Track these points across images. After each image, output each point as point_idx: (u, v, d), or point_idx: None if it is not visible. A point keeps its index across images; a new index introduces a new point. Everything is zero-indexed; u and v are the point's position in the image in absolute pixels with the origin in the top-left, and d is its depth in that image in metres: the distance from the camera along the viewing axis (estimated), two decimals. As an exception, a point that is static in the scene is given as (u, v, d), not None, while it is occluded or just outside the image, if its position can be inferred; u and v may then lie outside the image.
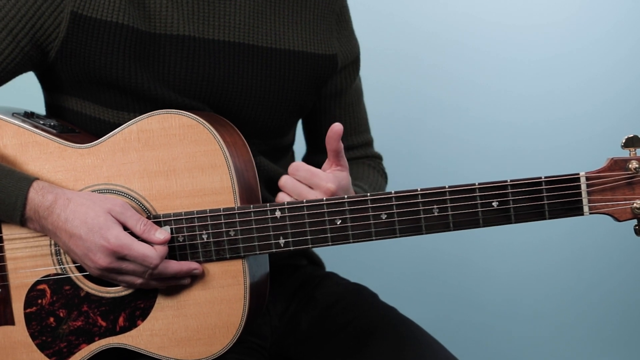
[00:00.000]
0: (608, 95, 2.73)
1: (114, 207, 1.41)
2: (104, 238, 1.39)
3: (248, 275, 1.45)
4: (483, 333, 2.81)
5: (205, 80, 1.56)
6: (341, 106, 1.76)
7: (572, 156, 2.69)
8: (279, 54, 1.62)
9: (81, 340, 1.48)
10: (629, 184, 1.37)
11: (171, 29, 1.54)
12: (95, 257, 1.40)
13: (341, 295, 1.70)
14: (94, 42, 1.52)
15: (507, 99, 2.73)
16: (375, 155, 1.84)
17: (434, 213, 1.40)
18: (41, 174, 1.47)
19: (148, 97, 1.54)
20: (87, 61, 1.52)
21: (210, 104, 1.57)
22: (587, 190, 1.37)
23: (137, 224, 1.41)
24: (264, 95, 1.61)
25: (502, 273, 2.77)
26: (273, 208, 1.43)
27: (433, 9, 2.72)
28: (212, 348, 1.46)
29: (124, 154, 1.46)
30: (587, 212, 1.38)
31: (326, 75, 1.69)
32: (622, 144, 1.37)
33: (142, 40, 1.52)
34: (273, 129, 1.65)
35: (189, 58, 1.55)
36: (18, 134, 1.49)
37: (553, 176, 1.38)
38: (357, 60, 1.78)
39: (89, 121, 1.58)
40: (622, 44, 2.72)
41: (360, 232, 1.41)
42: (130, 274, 1.42)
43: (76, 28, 1.51)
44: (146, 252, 1.40)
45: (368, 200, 1.41)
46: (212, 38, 1.57)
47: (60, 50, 1.52)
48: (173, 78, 1.54)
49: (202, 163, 1.45)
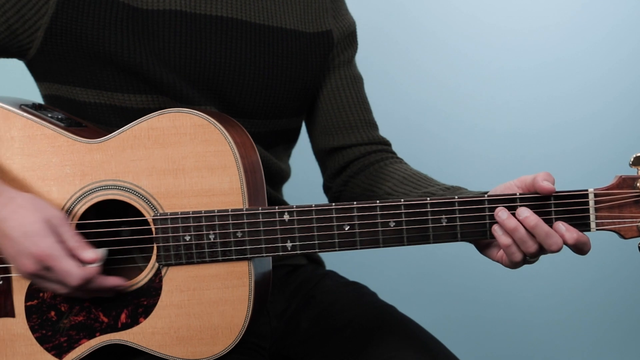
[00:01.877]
0: (608, 100, 2.75)
1: (54, 217, 1.41)
2: (35, 245, 1.38)
3: (253, 276, 1.45)
4: (482, 332, 2.83)
5: (197, 55, 1.56)
6: (341, 77, 1.74)
7: (573, 161, 2.71)
8: (271, 31, 1.63)
9: (82, 336, 1.48)
10: (637, 202, 1.38)
11: (163, 4, 1.54)
12: (24, 261, 1.39)
13: (340, 294, 1.70)
14: (84, 17, 1.51)
15: (505, 103, 2.74)
16: (387, 143, 1.80)
17: (442, 223, 1.41)
18: (49, 167, 1.47)
19: (141, 74, 1.53)
20: (79, 37, 1.51)
21: (202, 82, 1.57)
22: (595, 207, 1.39)
23: (71, 238, 1.41)
24: (256, 72, 1.61)
25: (502, 272, 2.75)
26: (282, 211, 1.43)
27: (431, 12, 2.72)
28: (215, 348, 1.46)
29: (133, 150, 1.46)
30: (594, 228, 1.39)
31: (323, 52, 1.69)
32: (630, 163, 1.39)
33: (135, 17, 1.52)
34: (268, 109, 1.65)
35: (182, 33, 1.55)
36: (27, 126, 1.48)
37: (561, 191, 1.39)
38: (353, 34, 1.77)
39: (85, 107, 1.57)
40: (622, 48, 2.74)
41: (368, 239, 1.42)
42: (55, 283, 1.42)
43: (66, 4, 1.50)
44: (70, 269, 1.39)
45: (377, 207, 1.41)
46: (204, 13, 1.57)
47: (50, 28, 1.51)
48: (167, 53, 1.54)
49: (212, 163, 1.45)
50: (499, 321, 2.84)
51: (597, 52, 2.75)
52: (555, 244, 1.36)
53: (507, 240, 1.37)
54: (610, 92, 2.75)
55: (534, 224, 1.36)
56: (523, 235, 1.36)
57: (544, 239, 1.36)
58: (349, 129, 1.73)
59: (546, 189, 1.36)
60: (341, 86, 1.74)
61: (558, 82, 2.75)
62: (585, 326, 2.86)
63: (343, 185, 1.74)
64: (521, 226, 1.36)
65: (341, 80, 1.74)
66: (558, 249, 1.37)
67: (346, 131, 1.73)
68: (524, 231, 1.36)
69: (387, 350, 1.54)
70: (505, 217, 1.37)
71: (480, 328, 2.83)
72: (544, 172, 1.37)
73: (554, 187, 1.37)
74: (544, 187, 1.36)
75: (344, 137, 1.73)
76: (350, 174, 1.73)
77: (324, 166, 1.78)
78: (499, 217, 1.37)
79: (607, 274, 2.83)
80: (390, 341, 1.56)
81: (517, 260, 1.38)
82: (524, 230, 1.36)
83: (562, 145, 2.75)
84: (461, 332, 2.79)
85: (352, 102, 1.74)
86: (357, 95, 1.76)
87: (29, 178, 1.47)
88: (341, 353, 1.59)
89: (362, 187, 1.69)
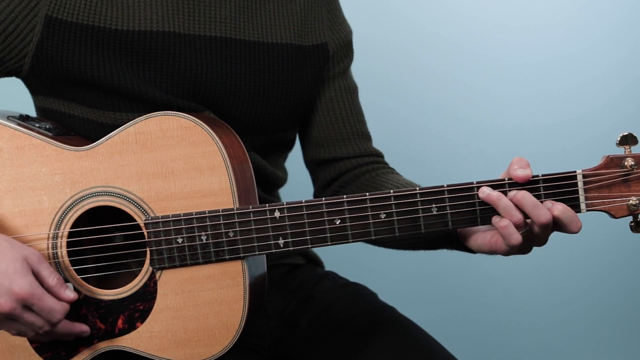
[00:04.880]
0: (607, 98, 2.76)
1: (31, 255, 1.40)
2: (15, 283, 1.36)
3: (247, 275, 1.45)
4: (483, 332, 2.82)
5: (191, 77, 1.55)
6: (335, 88, 1.72)
7: (570, 159, 2.69)
8: (266, 47, 1.62)
9: (80, 344, 1.48)
10: (625, 181, 1.39)
11: (154, 26, 1.53)
12: (1, 299, 1.37)
13: (340, 295, 1.70)
14: (70, 45, 1.51)
15: (505, 101, 2.75)
16: (380, 154, 1.79)
17: (432, 212, 1.41)
18: (38, 177, 1.47)
19: (133, 96, 1.53)
20: (64, 64, 1.51)
21: (197, 101, 1.57)
22: (584, 187, 1.39)
23: (50, 276, 1.40)
24: (252, 90, 1.60)
25: (502, 272, 2.78)
26: (272, 208, 1.43)
27: (432, 10, 2.73)
28: (212, 349, 1.46)
29: (122, 156, 1.46)
30: (584, 209, 1.40)
31: (318, 65, 1.68)
32: (617, 142, 1.39)
33: (122, 40, 1.51)
34: (265, 124, 1.64)
35: (174, 55, 1.54)
36: (14, 137, 1.48)
37: (550, 174, 1.39)
38: (349, 44, 1.76)
39: (78, 122, 1.57)
40: (621, 47, 2.75)
41: (359, 232, 1.42)
42: (25, 325, 1.40)
43: (51, 32, 1.50)
44: (55, 306, 1.39)
45: (367, 200, 1.41)
46: (197, 34, 1.56)
47: (36, 55, 1.51)
48: (157, 75, 1.53)
49: (201, 164, 1.45)
50: (500, 322, 2.84)
51: (597, 50, 2.75)
52: (544, 215, 1.36)
53: (504, 222, 1.38)
54: (610, 92, 2.76)
55: (521, 196, 1.37)
56: (507, 204, 1.37)
57: (532, 210, 1.36)
58: (341, 141, 1.72)
59: (520, 177, 1.37)
60: (335, 98, 1.73)
61: (556, 80, 2.75)
62: (585, 326, 2.86)
63: (333, 195, 1.73)
64: (504, 196, 1.38)
65: (335, 92, 1.73)
66: (547, 220, 1.37)
67: (338, 143, 1.72)
68: (507, 201, 1.37)
69: (384, 352, 1.54)
70: (488, 191, 1.39)
71: (481, 329, 2.83)
72: (516, 157, 1.39)
73: (529, 173, 1.38)
74: (519, 176, 1.38)
75: (336, 149, 1.72)
76: (341, 184, 1.72)
77: (315, 177, 1.77)
78: (482, 191, 1.39)
79: (607, 274, 2.83)
80: (387, 343, 1.56)
81: (514, 243, 1.38)
82: (507, 200, 1.37)
83: (561, 143, 2.75)
84: (462, 333, 2.79)
85: (345, 114, 1.73)
86: (351, 106, 1.74)
87: (19, 189, 1.47)
88: (338, 354, 1.58)
89: None
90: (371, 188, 1.66)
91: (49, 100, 1.59)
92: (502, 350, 2.83)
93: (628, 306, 2.84)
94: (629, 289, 2.82)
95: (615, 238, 2.64)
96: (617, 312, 2.85)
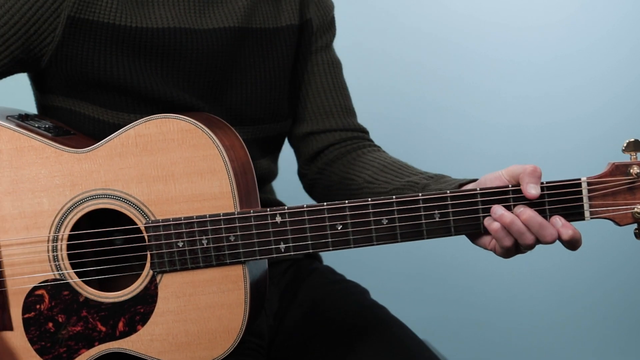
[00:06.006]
0: (607, 98, 2.73)
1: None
2: None
3: (248, 279, 1.45)
4: (479, 334, 2.82)
5: (206, 71, 1.56)
6: (318, 63, 1.71)
7: (571, 159, 2.70)
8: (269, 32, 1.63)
9: (81, 346, 1.48)
10: (630, 189, 1.37)
11: (170, 23, 1.53)
12: None
13: (326, 293, 1.68)
14: (91, 44, 1.50)
15: (505, 100, 2.73)
16: (365, 130, 1.77)
17: (435, 218, 1.40)
18: (38, 179, 1.46)
19: (149, 96, 1.53)
20: (84, 63, 1.50)
21: (210, 95, 1.57)
22: (589, 195, 1.37)
23: None
24: (261, 76, 1.61)
25: (499, 273, 2.78)
26: (273, 213, 1.42)
27: (431, 9, 2.71)
28: (213, 353, 1.46)
29: (122, 158, 1.45)
30: (588, 217, 1.38)
31: (305, 42, 1.68)
32: (622, 148, 1.37)
33: (140, 38, 1.51)
34: (269, 111, 1.64)
35: (187, 50, 1.54)
36: (14, 139, 1.47)
37: (554, 181, 1.38)
38: (332, 20, 1.75)
39: (87, 121, 1.56)
40: (622, 46, 2.72)
41: (361, 237, 1.41)
42: None
43: (72, 31, 1.49)
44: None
45: (369, 205, 1.40)
46: (208, 27, 1.56)
47: (55, 55, 1.50)
48: (174, 72, 1.54)
49: (201, 168, 1.44)
50: (496, 324, 2.82)
51: (597, 50, 2.73)
52: (550, 235, 1.36)
53: (495, 225, 1.36)
54: (611, 91, 2.74)
55: (527, 217, 1.35)
56: (520, 227, 1.36)
57: (538, 231, 1.35)
58: (324, 114, 1.71)
59: (531, 195, 1.35)
60: (317, 72, 1.71)
61: (557, 80, 2.73)
62: (585, 327, 2.85)
63: (319, 173, 1.71)
64: (517, 219, 1.36)
65: (318, 66, 1.71)
66: (553, 239, 1.36)
67: (321, 116, 1.71)
68: (520, 224, 1.36)
69: (366, 354, 1.53)
70: (500, 211, 1.36)
71: (477, 331, 2.82)
72: (531, 166, 1.36)
73: (539, 192, 1.36)
74: (529, 194, 1.35)
75: (319, 122, 1.71)
76: (326, 161, 1.70)
77: (299, 152, 1.75)
78: (494, 212, 1.37)
79: (607, 274, 2.82)
80: (370, 344, 1.54)
81: (507, 245, 1.37)
82: (520, 223, 1.36)
83: (561, 142, 2.74)
84: (462, 333, 2.78)
85: (328, 87, 1.71)
86: (334, 80, 1.73)
87: (18, 191, 1.46)
88: (322, 355, 1.57)
89: (339, 175, 1.66)
90: (358, 167, 1.64)
91: (59, 99, 1.58)
92: (502, 351, 2.83)
93: (628, 306, 2.84)
94: (629, 290, 2.82)
95: (616, 238, 2.63)
96: (617, 312, 2.84)
